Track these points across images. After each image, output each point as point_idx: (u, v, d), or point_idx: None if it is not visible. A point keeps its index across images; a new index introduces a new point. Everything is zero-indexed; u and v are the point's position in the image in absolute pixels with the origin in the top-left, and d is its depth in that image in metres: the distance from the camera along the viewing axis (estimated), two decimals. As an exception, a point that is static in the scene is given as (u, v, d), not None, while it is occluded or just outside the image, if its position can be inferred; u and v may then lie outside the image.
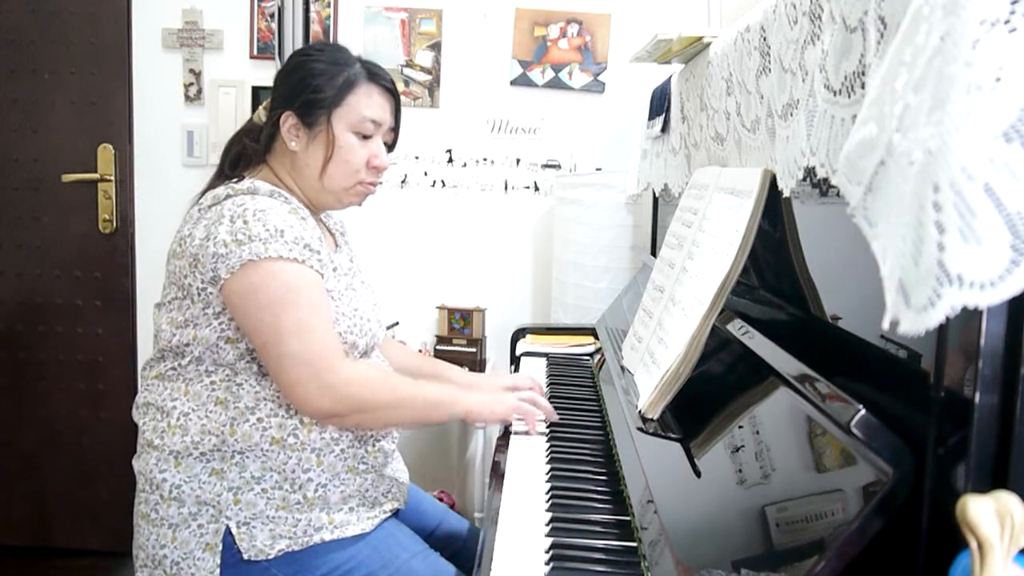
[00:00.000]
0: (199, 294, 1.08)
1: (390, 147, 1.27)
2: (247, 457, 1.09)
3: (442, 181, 2.41)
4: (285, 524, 1.09)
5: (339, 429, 1.13)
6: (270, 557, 1.07)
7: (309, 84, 1.17)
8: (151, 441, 1.11)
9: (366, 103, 1.19)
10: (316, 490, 1.11)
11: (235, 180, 1.16)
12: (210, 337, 1.09)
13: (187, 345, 1.10)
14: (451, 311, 2.33)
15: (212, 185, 1.18)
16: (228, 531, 1.07)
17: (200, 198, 1.16)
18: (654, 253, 1.81)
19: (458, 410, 1.17)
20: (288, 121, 1.17)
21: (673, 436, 0.94)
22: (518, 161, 2.39)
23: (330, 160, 1.18)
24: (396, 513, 1.23)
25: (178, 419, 1.09)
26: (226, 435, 1.08)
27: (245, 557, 1.07)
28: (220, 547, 1.07)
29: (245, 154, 1.22)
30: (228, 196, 1.11)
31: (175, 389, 1.11)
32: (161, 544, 1.09)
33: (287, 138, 1.18)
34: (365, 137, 1.20)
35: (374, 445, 1.18)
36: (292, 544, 1.08)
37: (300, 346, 1.04)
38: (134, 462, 1.15)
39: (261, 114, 1.24)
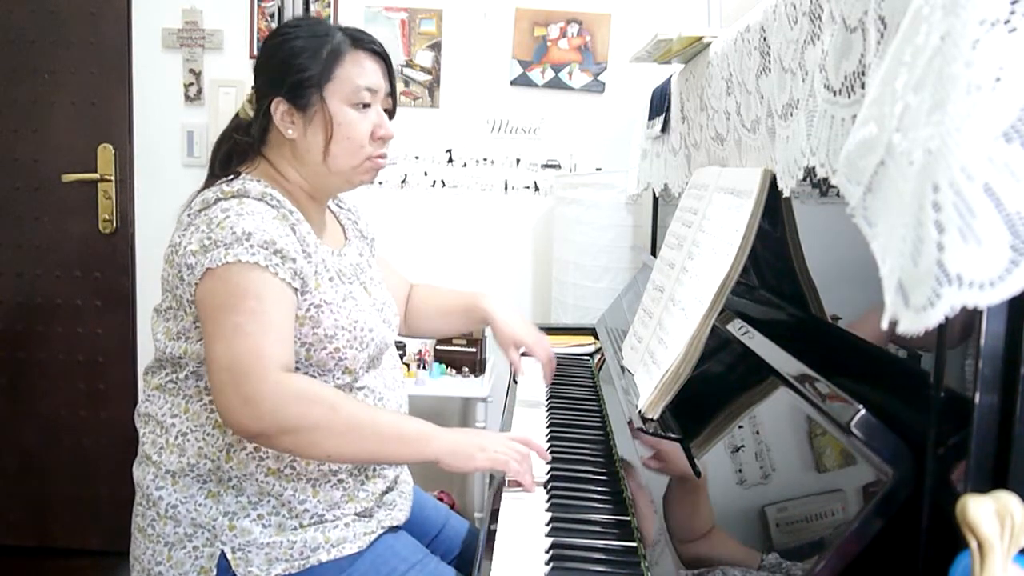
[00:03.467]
0: (189, 306, 1.04)
1: (390, 115, 1.19)
2: (244, 483, 1.06)
3: (442, 181, 2.41)
4: (281, 548, 1.06)
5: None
6: None
7: (293, 64, 1.08)
8: (149, 455, 1.09)
9: (357, 71, 1.11)
10: (312, 518, 1.08)
11: (228, 178, 1.09)
12: (200, 352, 1.05)
13: (180, 358, 1.07)
14: (451, 311, 2.33)
15: (204, 187, 1.12)
16: (223, 556, 1.05)
17: (190, 202, 1.10)
18: (654, 253, 1.81)
19: (425, 452, 1.02)
20: (280, 108, 1.10)
21: (673, 436, 0.94)
22: (518, 161, 2.39)
23: (331, 140, 1.10)
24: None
25: (176, 438, 1.07)
26: (221, 461, 1.05)
27: None
28: (215, 572, 1.05)
29: (237, 151, 1.16)
30: (217, 199, 1.05)
31: (175, 405, 1.08)
32: (157, 560, 1.07)
33: (282, 126, 1.10)
34: (364, 107, 1.12)
35: (374, 472, 1.13)
36: (289, 567, 1.06)
37: (225, 351, 0.96)
38: (134, 469, 1.13)
39: (246, 108, 1.17)
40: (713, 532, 0.75)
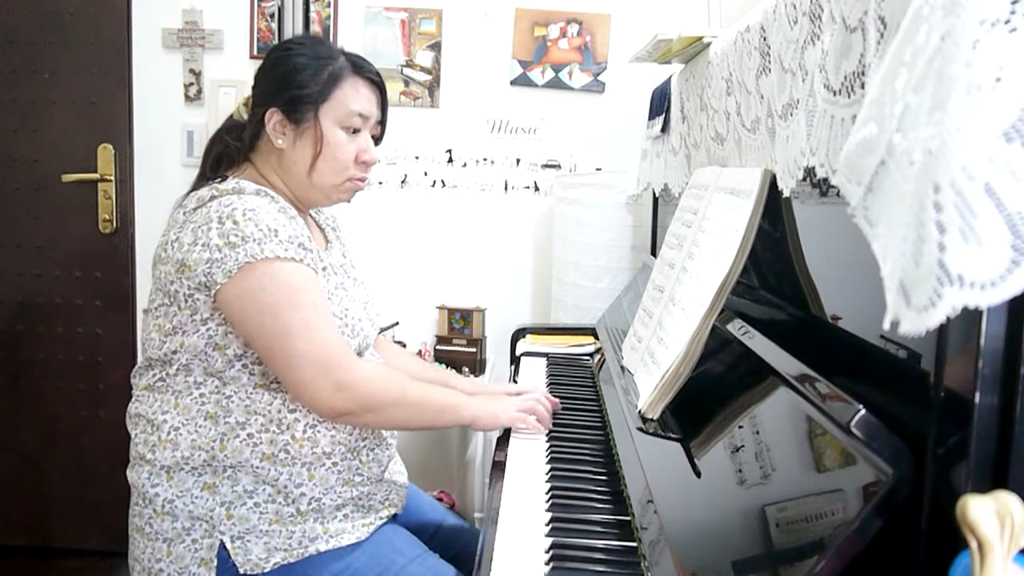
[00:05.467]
0: (186, 300, 1.06)
1: (377, 141, 1.24)
2: (239, 471, 1.08)
3: (442, 181, 2.41)
4: (280, 537, 1.07)
5: (331, 443, 1.11)
6: (266, 571, 1.06)
7: (294, 79, 1.14)
8: (142, 455, 1.10)
9: (353, 97, 1.16)
10: (310, 503, 1.09)
11: (218, 180, 1.13)
12: (198, 344, 1.07)
13: (175, 353, 1.08)
14: (451, 311, 2.33)
15: (195, 187, 1.15)
16: (222, 546, 1.06)
17: (184, 201, 1.13)
18: (654, 253, 1.81)
19: (464, 416, 1.17)
20: (274, 118, 1.14)
21: (673, 436, 0.94)
22: (518, 161, 2.39)
23: (319, 156, 1.15)
24: (394, 517, 1.22)
25: (168, 433, 1.08)
26: (216, 451, 1.07)
27: (241, 572, 1.06)
28: (215, 562, 1.06)
29: (227, 153, 1.19)
30: (213, 197, 1.08)
31: (164, 402, 1.10)
32: (157, 558, 1.08)
33: (273, 135, 1.15)
34: (353, 131, 1.17)
35: (368, 455, 1.16)
36: (288, 556, 1.07)
37: (308, 346, 1.03)
38: (128, 472, 1.14)
39: (241, 111, 1.20)
40: (713, 532, 0.75)
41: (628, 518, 0.94)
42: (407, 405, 1.12)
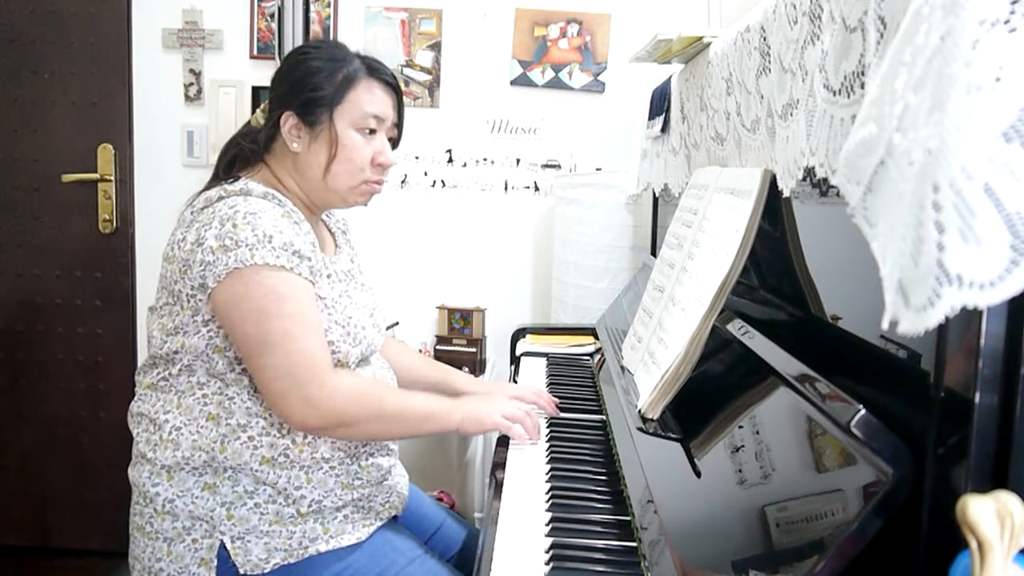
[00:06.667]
0: (188, 300, 1.06)
1: (394, 144, 1.23)
2: (239, 472, 1.08)
3: (442, 181, 2.41)
4: (280, 537, 1.08)
5: (331, 448, 1.11)
6: (266, 571, 1.07)
7: (308, 82, 1.14)
8: (144, 453, 1.10)
9: (367, 99, 1.16)
10: (310, 504, 1.09)
11: (229, 181, 1.13)
12: (199, 345, 1.07)
13: (176, 353, 1.08)
14: (451, 311, 2.33)
15: (208, 188, 1.15)
16: (223, 546, 1.07)
17: (193, 200, 1.13)
18: (654, 253, 1.81)
19: (451, 422, 1.15)
20: (289, 121, 1.14)
21: (673, 436, 0.94)
22: (518, 161, 2.39)
23: (334, 159, 1.15)
24: (394, 518, 1.22)
25: (170, 433, 1.08)
26: (216, 452, 1.07)
27: (241, 572, 1.06)
28: (215, 562, 1.06)
29: (242, 156, 1.19)
30: (220, 198, 1.08)
31: (167, 401, 1.10)
32: (157, 557, 1.08)
33: (288, 139, 1.15)
34: (369, 133, 1.17)
35: (368, 460, 1.15)
36: (288, 557, 1.07)
37: (282, 358, 1.02)
38: (129, 471, 1.14)
39: (259, 116, 1.21)
40: (713, 532, 0.75)
41: (628, 518, 0.94)
42: (384, 418, 1.10)
